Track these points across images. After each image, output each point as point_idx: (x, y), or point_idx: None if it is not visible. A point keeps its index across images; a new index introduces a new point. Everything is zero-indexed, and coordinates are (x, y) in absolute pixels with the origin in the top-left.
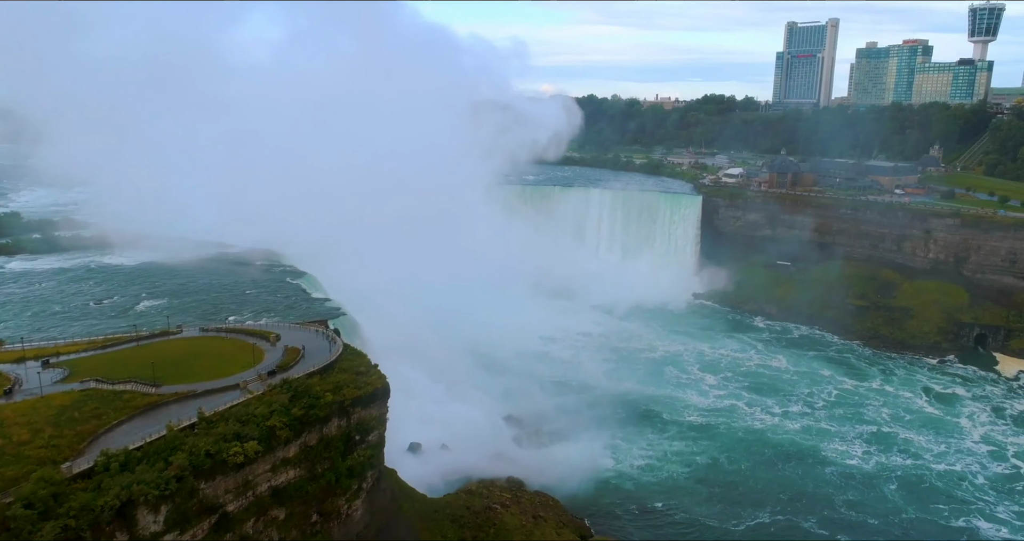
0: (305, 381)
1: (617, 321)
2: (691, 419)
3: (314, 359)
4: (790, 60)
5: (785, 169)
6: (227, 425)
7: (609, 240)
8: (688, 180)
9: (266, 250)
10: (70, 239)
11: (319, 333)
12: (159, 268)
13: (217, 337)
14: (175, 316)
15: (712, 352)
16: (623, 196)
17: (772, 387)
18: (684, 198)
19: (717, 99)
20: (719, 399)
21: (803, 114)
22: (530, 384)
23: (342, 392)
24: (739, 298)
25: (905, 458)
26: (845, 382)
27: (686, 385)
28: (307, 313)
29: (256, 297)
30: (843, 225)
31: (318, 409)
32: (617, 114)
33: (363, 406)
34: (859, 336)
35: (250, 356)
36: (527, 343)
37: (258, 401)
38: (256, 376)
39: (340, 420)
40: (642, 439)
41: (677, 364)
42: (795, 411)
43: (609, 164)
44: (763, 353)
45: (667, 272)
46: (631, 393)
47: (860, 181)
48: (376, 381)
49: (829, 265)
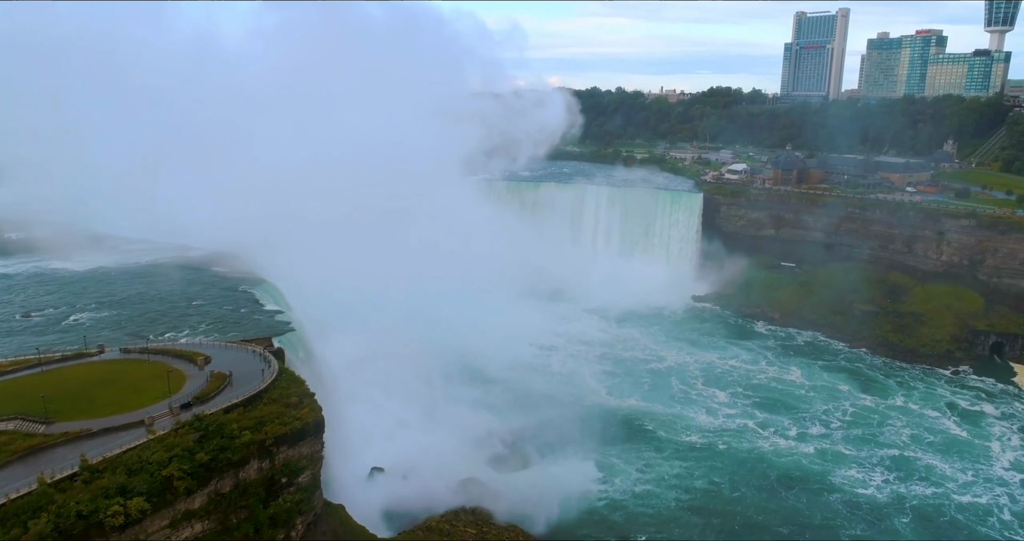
0: (221, 417)
1: (614, 326)
2: (693, 439)
3: (242, 387)
4: (799, 51)
5: (790, 165)
6: (113, 476)
7: (606, 239)
8: (690, 176)
9: (229, 253)
10: (19, 241)
11: (256, 354)
12: (109, 274)
13: (138, 360)
14: (105, 332)
15: (722, 363)
16: (621, 193)
17: (786, 404)
18: (685, 196)
19: (723, 92)
20: (729, 419)
21: (811, 107)
22: (516, 398)
23: (264, 429)
24: (740, 301)
25: (925, 487)
26: (864, 398)
27: (694, 401)
28: (253, 328)
29: (202, 309)
30: (851, 225)
31: (231, 452)
32: (620, 107)
33: (290, 444)
34: (867, 343)
35: (163, 385)
36: (517, 351)
37: (158, 444)
38: (167, 410)
39: (261, 462)
40: (639, 460)
41: (682, 376)
42: (813, 433)
43: (609, 159)
44: (774, 363)
45: (666, 273)
46: (630, 409)
47: (869, 178)
48: (307, 414)
49: (835, 267)
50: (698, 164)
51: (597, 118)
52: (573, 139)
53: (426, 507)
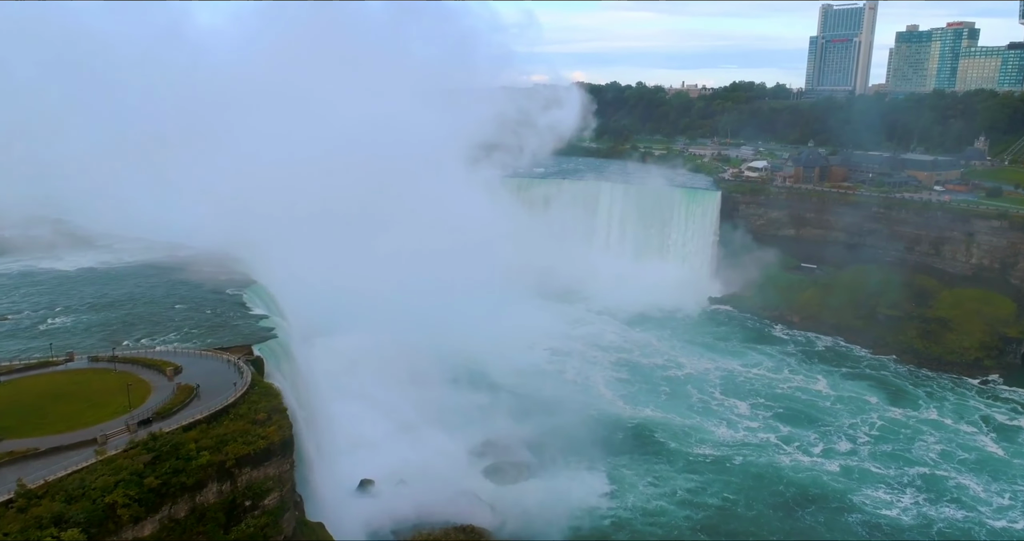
0: (178, 436)
1: (628, 328)
2: (709, 452)
3: (209, 401)
4: (824, 45)
5: (812, 163)
6: (52, 503)
7: (619, 238)
8: (708, 173)
9: (221, 253)
10: (12, 239)
11: (230, 364)
12: (96, 275)
13: (104, 370)
14: (79, 337)
15: (744, 371)
16: (636, 190)
17: (810, 417)
18: (702, 193)
19: (746, 86)
20: (751, 432)
21: (836, 102)
22: (521, 405)
23: (225, 450)
24: (758, 304)
25: (955, 509)
26: (893, 411)
27: (713, 412)
28: (234, 334)
29: (184, 313)
30: (875, 225)
31: (186, 475)
32: (640, 102)
33: (254, 465)
34: (891, 350)
35: (125, 398)
36: (523, 355)
37: (105, 466)
38: (124, 426)
39: (221, 484)
40: (650, 474)
41: (700, 385)
42: (839, 449)
43: (626, 155)
44: (798, 372)
45: (681, 274)
46: (644, 419)
47: (895, 176)
48: (274, 433)
49: (858, 269)
50: (717, 161)
51: (616, 113)
52: (590, 134)
53: (416, 522)
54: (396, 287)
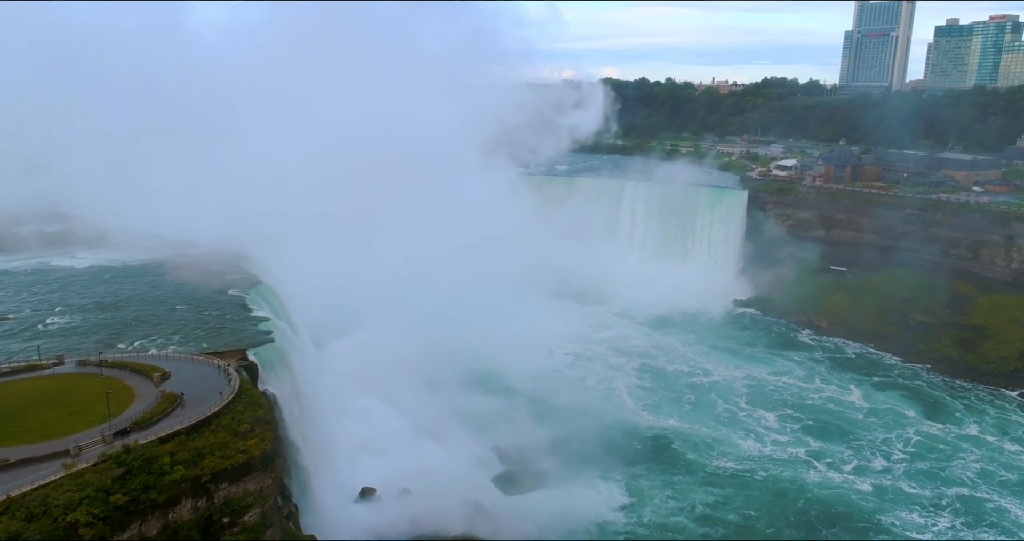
0: (153, 449)
1: (649, 332)
2: (730, 465)
3: (193, 410)
4: (860, 39)
5: (844, 161)
6: (11, 520)
7: (642, 238)
8: (736, 172)
9: (232, 251)
10: (29, 236)
11: (220, 371)
12: (104, 273)
13: (91, 375)
14: (75, 338)
15: (773, 379)
16: (660, 189)
17: (841, 430)
18: (728, 193)
19: (777, 83)
20: (779, 447)
21: (871, 99)
22: (537, 411)
23: (201, 464)
24: (785, 307)
25: (995, 535)
26: (931, 426)
27: (739, 424)
28: (231, 338)
29: (183, 314)
30: (909, 227)
31: (157, 491)
32: (668, 99)
33: (232, 480)
34: (924, 358)
35: (108, 406)
36: (540, 358)
37: (72, 481)
38: (99, 437)
39: (196, 501)
40: (667, 487)
41: (725, 393)
42: (873, 467)
43: (652, 152)
44: (830, 381)
45: (706, 275)
46: (665, 429)
47: (931, 176)
48: (255, 446)
49: (891, 273)
50: (745, 159)
51: (643, 110)
52: (615, 132)
53: (418, 534)
54: (410, 286)
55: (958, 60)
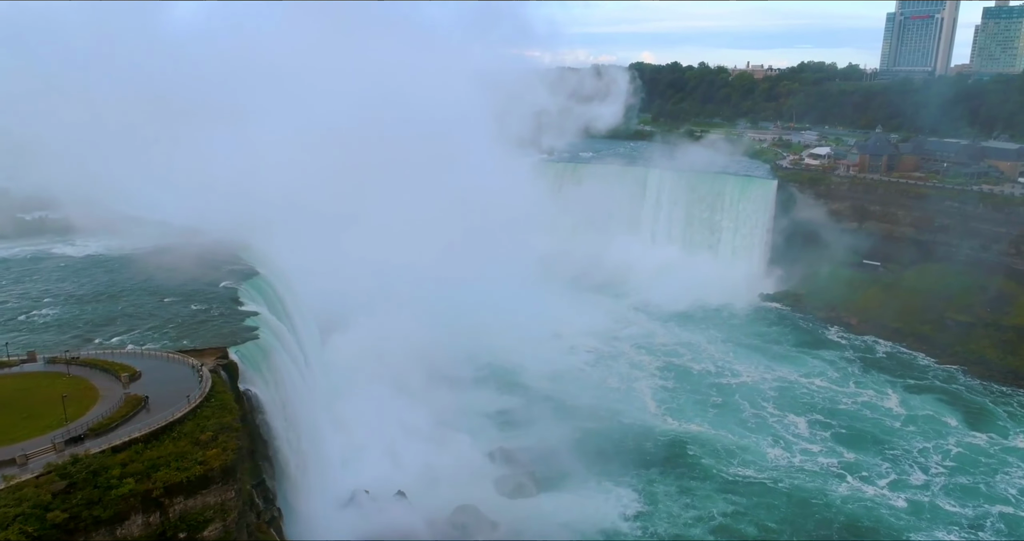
0: (106, 459)
1: (673, 327)
2: (752, 474)
3: (157, 415)
4: (903, 22)
5: (880, 150)
6: None
7: (667, 228)
8: (767, 160)
9: (236, 240)
10: (32, 222)
11: (194, 371)
12: (102, 261)
13: (58, 373)
14: (55, 332)
15: (806, 382)
16: (686, 178)
17: (876, 439)
18: (757, 182)
19: (814, 67)
20: (809, 456)
21: (912, 84)
22: (548, 410)
23: (154, 476)
24: (814, 303)
25: None
26: (974, 436)
27: (766, 429)
28: (215, 334)
29: (170, 308)
30: (948, 220)
31: (101, 506)
32: (700, 84)
33: (189, 494)
34: (959, 360)
35: (70, 407)
36: (562, 355)
37: (9, 495)
38: (51, 444)
39: (148, 516)
40: (684, 495)
41: (751, 396)
42: (911, 481)
43: (680, 139)
44: (866, 385)
45: (732, 267)
46: (684, 432)
47: (973, 166)
48: (215, 457)
49: (927, 269)
50: (777, 146)
51: (675, 95)
52: (644, 117)
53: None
54: (420, 275)
55: (1007, 43)
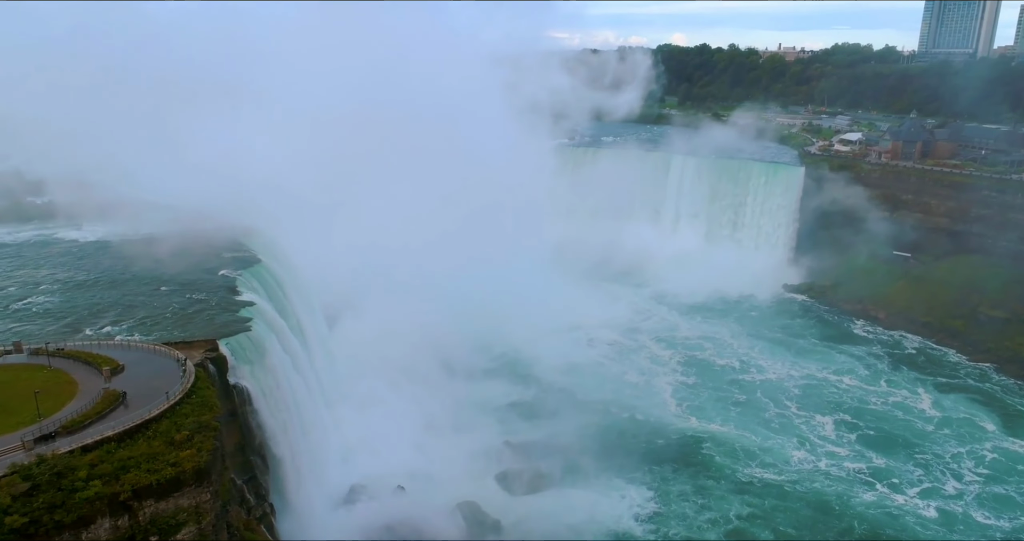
0: (73, 459)
1: (694, 318)
2: (770, 476)
3: (134, 412)
4: (943, 2)
5: (914, 137)
6: None
7: (689, 216)
8: (795, 145)
9: (241, 226)
10: (43, 206)
11: (178, 365)
12: (105, 247)
13: (39, 366)
14: (46, 320)
15: (835, 379)
16: (709, 164)
17: (907, 442)
18: (783, 168)
19: (848, 49)
20: (835, 460)
21: (952, 67)
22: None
23: (123, 478)
24: (839, 295)
25: None
26: (1012, 442)
27: (789, 430)
28: (207, 325)
29: (163, 297)
30: (984, 211)
31: (65, 510)
32: (730, 66)
33: (159, 497)
34: (992, 357)
35: (46, 402)
36: (580, 347)
37: None
38: (20, 442)
39: (116, 519)
40: (698, 496)
41: (774, 393)
42: (943, 489)
43: (706, 123)
44: (896, 383)
45: (755, 257)
46: (702, 431)
47: (1013, 154)
48: (188, 459)
49: (960, 261)
50: (807, 132)
51: (703, 78)
52: (670, 101)
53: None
54: (431, 263)
55: None
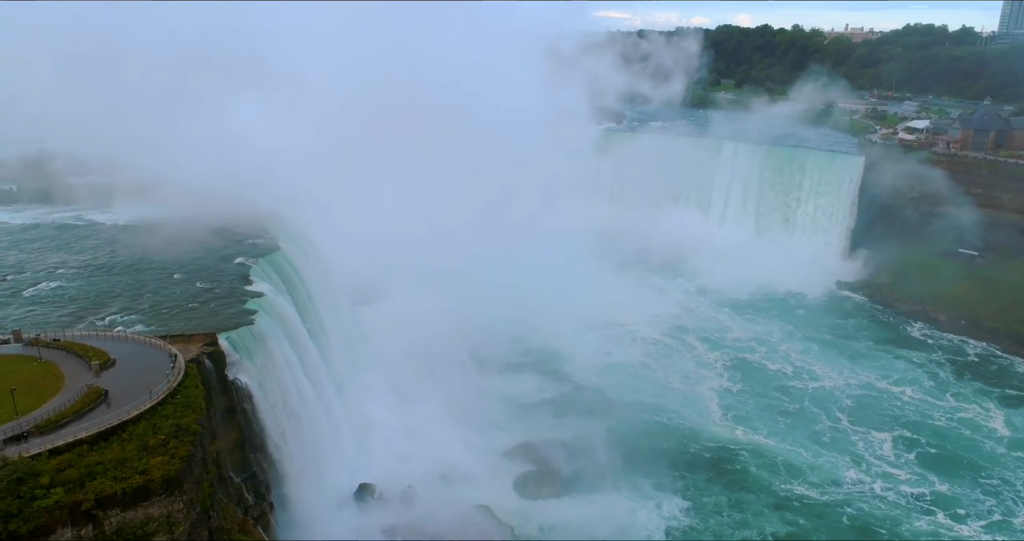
0: (37, 464)
1: (742, 316)
2: (814, 495)
3: (114, 411)
4: None
5: (987, 125)
6: None
7: (739, 205)
8: (856, 133)
9: (270, 211)
10: (75, 187)
11: (171, 361)
12: (129, 230)
13: (30, 357)
14: (53, 307)
15: (898, 390)
16: (763, 151)
17: (974, 466)
18: (841, 158)
19: (921, 30)
20: (891, 483)
21: None
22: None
23: (87, 486)
24: (896, 294)
25: None
26: None
27: (842, 446)
28: (211, 317)
29: (173, 286)
30: None
31: (21, 519)
32: (792, 48)
33: (127, 506)
34: None
35: (28, 398)
36: (612, 343)
37: None
38: None
39: (79, 529)
40: (732, 509)
41: (826, 403)
42: (1015, 523)
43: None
44: (963, 396)
45: (807, 251)
46: (744, 443)
47: None
48: (158, 466)
49: None
50: (870, 119)
51: (763, 60)
52: (725, 84)
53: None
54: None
55: None
